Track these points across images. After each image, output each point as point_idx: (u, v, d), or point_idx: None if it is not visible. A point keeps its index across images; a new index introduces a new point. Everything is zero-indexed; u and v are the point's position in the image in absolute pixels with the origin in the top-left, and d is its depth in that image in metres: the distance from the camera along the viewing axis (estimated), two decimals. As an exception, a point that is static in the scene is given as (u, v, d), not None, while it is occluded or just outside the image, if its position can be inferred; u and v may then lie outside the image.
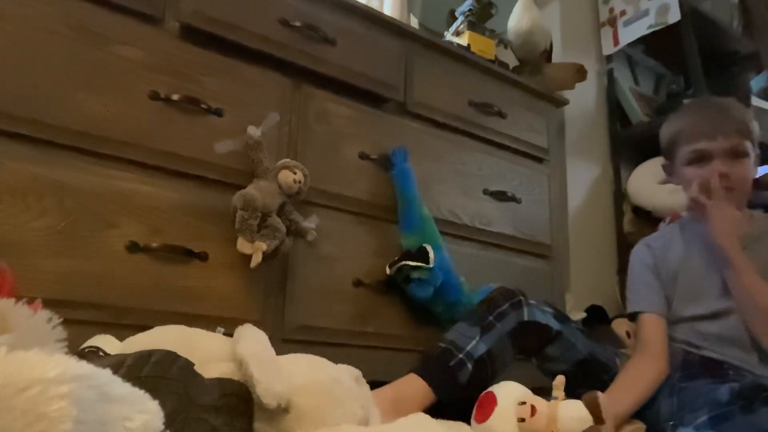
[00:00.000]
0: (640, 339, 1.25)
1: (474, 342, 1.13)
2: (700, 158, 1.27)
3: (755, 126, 1.28)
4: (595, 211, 2.24)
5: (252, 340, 0.90)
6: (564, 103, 1.90)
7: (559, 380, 1.00)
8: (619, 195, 2.29)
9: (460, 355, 1.12)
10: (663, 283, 1.30)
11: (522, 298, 1.20)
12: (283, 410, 0.84)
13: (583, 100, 2.27)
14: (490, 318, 1.17)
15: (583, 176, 2.24)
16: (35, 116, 1.00)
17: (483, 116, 1.64)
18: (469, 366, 1.11)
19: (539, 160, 1.79)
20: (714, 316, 1.22)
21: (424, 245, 1.31)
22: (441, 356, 1.13)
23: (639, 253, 1.38)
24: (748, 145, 1.26)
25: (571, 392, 1.00)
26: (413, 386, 1.09)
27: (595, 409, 0.92)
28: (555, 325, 1.21)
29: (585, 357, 1.23)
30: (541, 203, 1.74)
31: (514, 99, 1.74)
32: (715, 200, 1.23)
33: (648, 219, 2.19)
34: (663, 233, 1.41)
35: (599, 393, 0.93)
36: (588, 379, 1.21)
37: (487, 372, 1.13)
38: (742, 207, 1.27)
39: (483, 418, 0.98)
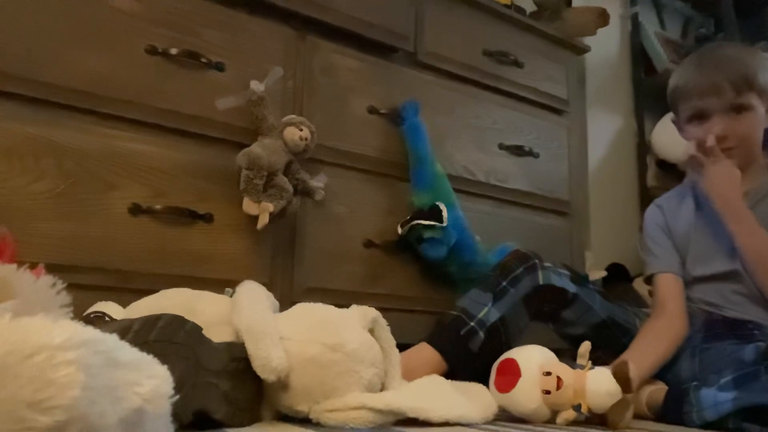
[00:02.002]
0: (656, 300, 1.26)
1: (486, 309, 1.14)
2: (699, 116, 1.25)
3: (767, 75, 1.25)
4: (618, 165, 2.23)
5: (249, 306, 0.91)
6: (585, 50, 1.87)
7: (585, 347, 1.00)
8: (643, 147, 2.27)
9: (472, 323, 1.13)
10: (676, 244, 1.31)
11: (537, 261, 1.20)
12: (282, 387, 0.85)
13: (606, 46, 2.22)
14: (504, 283, 1.17)
15: (605, 128, 2.21)
16: (28, 74, 1.00)
17: (498, 66, 1.61)
18: (481, 334, 1.13)
19: (558, 111, 1.76)
20: (730, 275, 1.22)
21: (436, 203, 1.31)
22: (452, 324, 1.14)
23: (650, 215, 1.38)
24: (752, 97, 1.23)
25: (589, 355, 1.01)
26: (424, 355, 1.10)
27: (624, 380, 0.93)
28: (572, 288, 1.22)
29: (603, 320, 1.24)
30: (559, 158, 1.73)
31: (532, 47, 1.71)
32: (712, 159, 1.21)
33: (673, 173, 2.17)
34: (675, 193, 1.40)
35: (629, 363, 0.94)
36: (607, 342, 1.22)
37: (501, 339, 1.14)
38: (750, 163, 1.26)
39: (505, 388, 0.99)
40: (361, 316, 0.95)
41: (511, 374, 0.99)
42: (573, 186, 1.75)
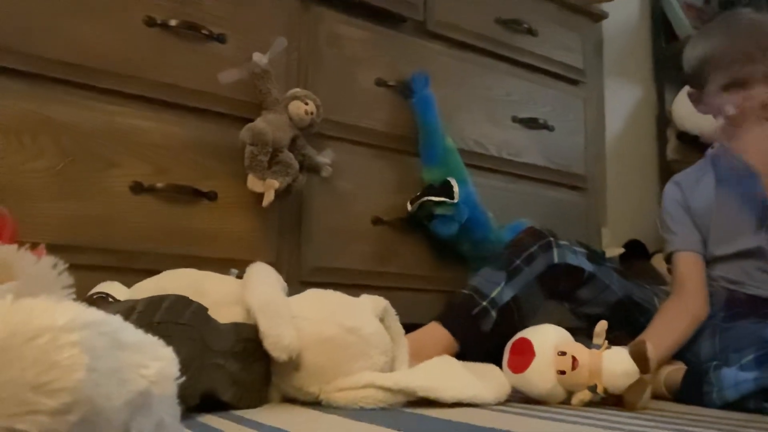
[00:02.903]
0: (676, 279, 1.26)
1: (499, 288, 1.15)
2: (737, 84, 1.23)
3: None
4: (636, 138, 2.21)
5: (260, 285, 0.92)
6: (602, 17, 1.84)
7: (601, 326, 1.00)
8: (663, 119, 2.25)
9: (484, 303, 1.13)
10: (696, 222, 1.30)
11: (551, 239, 1.21)
12: (294, 367, 0.86)
13: (624, 12, 2.19)
14: (517, 262, 1.17)
15: (623, 99, 2.19)
16: (23, 48, 0.99)
17: (511, 34, 1.60)
18: (493, 314, 1.13)
19: (574, 82, 1.75)
20: (754, 252, 1.22)
21: (447, 179, 1.31)
22: (463, 304, 1.14)
23: (669, 192, 1.37)
24: None
25: (606, 335, 1.01)
26: (435, 335, 1.11)
27: (642, 360, 0.93)
28: (588, 266, 1.22)
29: (620, 299, 1.24)
30: (575, 130, 1.72)
31: (546, 14, 1.69)
32: (754, 120, 1.20)
33: (695, 145, 2.15)
34: (694, 169, 1.40)
35: (647, 343, 0.94)
36: (624, 321, 1.22)
37: (514, 319, 1.15)
38: None
39: (519, 368, 0.99)
40: (373, 304, 0.96)
41: (525, 354, 0.99)
42: (589, 160, 1.74)
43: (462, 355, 1.09)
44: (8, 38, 0.98)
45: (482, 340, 1.12)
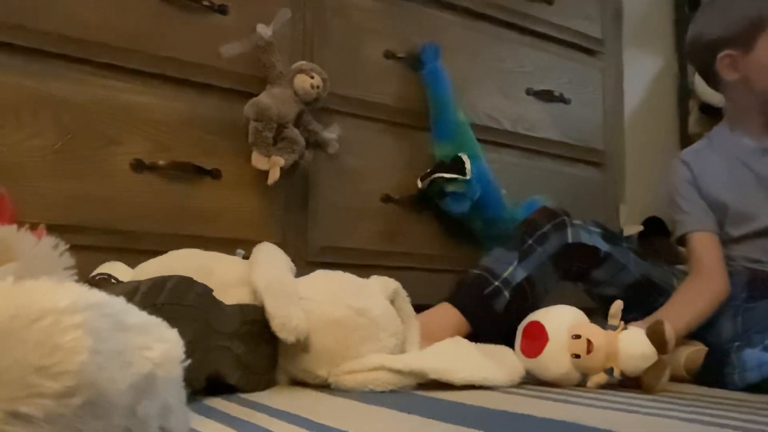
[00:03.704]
0: (693, 260, 1.25)
1: (511, 268, 1.15)
2: None
3: None
4: (657, 111, 2.19)
5: (267, 265, 0.92)
6: (622, -17, 1.82)
7: (616, 307, 1.00)
8: (685, 91, 2.22)
9: (496, 282, 1.14)
10: (708, 201, 1.29)
11: (565, 218, 1.20)
12: (302, 349, 0.87)
13: (645, -22, 2.16)
14: (530, 241, 1.18)
15: (643, 70, 2.16)
16: (20, 21, 0.99)
17: (526, 3, 1.58)
18: (506, 294, 1.13)
19: (591, 52, 1.73)
20: None
21: (459, 155, 1.30)
22: (475, 283, 1.15)
23: (677, 171, 1.35)
24: None
25: (623, 316, 1.01)
26: (446, 316, 1.12)
27: (660, 341, 0.93)
28: (603, 246, 1.21)
29: (637, 279, 1.24)
30: (593, 103, 1.70)
31: (563, -19, 1.67)
32: None
33: (718, 118, 2.13)
34: (702, 146, 1.39)
35: (665, 322, 0.94)
36: (641, 302, 1.22)
37: (527, 300, 1.15)
38: None
39: (533, 353, 1.00)
40: (382, 286, 0.96)
41: (538, 338, 1.00)
42: (607, 134, 1.73)
43: (474, 336, 1.10)
44: (4, 12, 0.98)
45: (494, 320, 1.12)
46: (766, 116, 1.28)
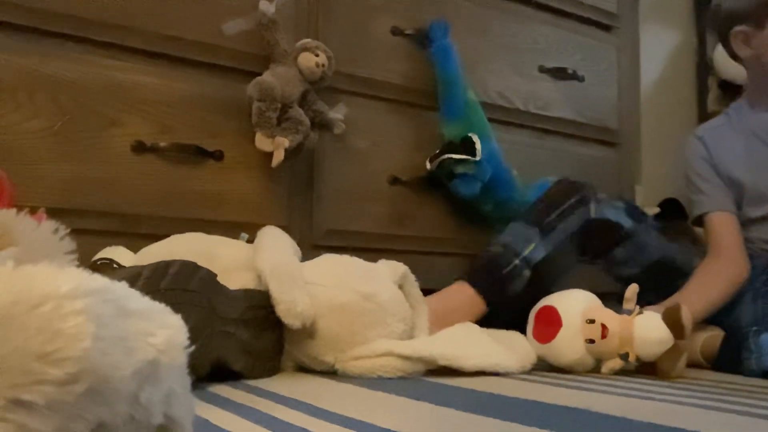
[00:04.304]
0: (711, 241, 1.24)
1: (532, 246, 1.14)
2: None
3: None
4: (674, 88, 2.17)
5: (272, 249, 0.92)
6: (638, -45, 1.80)
7: (632, 290, 1.00)
8: (704, 67, 2.20)
9: (516, 261, 1.13)
10: (725, 180, 1.29)
11: (589, 192, 1.19)
12: (308, 335, 0.87)
13: (663, -50, 2.13)
14: (552, 216, 1.17)
15: (661, 46, 2.14)
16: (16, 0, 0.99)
17: (539, -23, 1.57)
18: (526, 273, 1.13)
19: (606, 28, 1.71)
20: None
21: (469, 135, 1.30)
22: (493, 261, 1.14)
23: (693, 149, 1.34)
24: None
25: (641, 298, 1.01)
26: (462, 297, 1.11)
27: (677, 326, 0.93)
28: (627, 223, 1.21)
29: (658, 260, 1.23)
30: (608, 81, 1.69)
31: (577, -47, 1.65)
32: None
33: (738, 95, 2.11)
34: (718, 122, 1.38)
35: (682, 306, 0.94)
36: (661, 284, 1.21)
37: (545, 279, 1.15)
38: None
39: (546, 338, 1.00)
40: (391, 270, 0.96)
41: (551, 324, 1.00)
42: (623, 112, 1.72)
43: (489, 317, 1.10)
44: (-2, -11, 0.98)
45: (512, 300, 1.12)
46: None
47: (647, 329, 0.95)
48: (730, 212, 1.26)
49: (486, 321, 1.11)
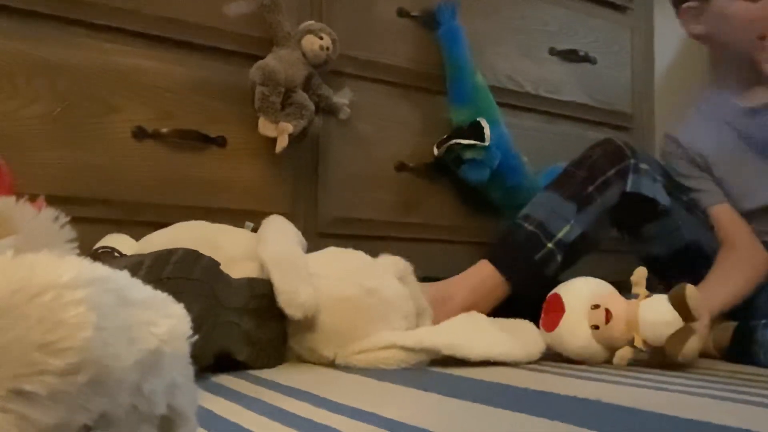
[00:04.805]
0: (723, 233, 1.22)
1: (568, 227, 1.12)
2: None
3: None
4: (690, 72, 2.15)
5: (275, 239, 0.93)
6: (653, -67, 1.78)
7: (639, 274, 0.99)
8: (720, 49, 2.18)
9: (550, 245, 1.11)
10: (708, 174, 1.27)
11: (631, 161, 1.15)
12: (308, 327, 0.87)
13: (678, -72, 2.11)
14: (590, 189, 1.13)
15: (676, 27, 2.12)
16: (13, -18, 0.99)
17: (549, -44, 1.55)
18: (559, 258, 1.11)
19: (620, 9, 1.70)
20: None
21: (477, 119, 1.30)
22: (525, 245, 1.12)
23: (669, 152, 1.32)
24: None
25: (667, 284, 0.99)
26: (488, 282, 1.10)
27: (683, 307, 0.92)
28: (663, 199, 1.18)
29: (688, 244, 1.21)
30: (621, 64, 1.68)
31: (590, -69, 1.63)
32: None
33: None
34: (686, 115, 1.36)
35: (688, 285, 0.92)
36: (687, 270, 1.17)
37: (576, 257, 1.13)
38: None
39: (551, 326, 1.00)
40: (393, 266, 0.96)
41: (555, 311, 1.00)
42: (636, 96, 1.71)
43: (510, 300, 1.09)
44: (-5, -29, 0.98)
45: (543, 286, 1.08)
46: (745, 72, 1.24)
47: (652, 312, 0.94)
48: (728, 202, 1.25)
49: (507, 303, 1.11)
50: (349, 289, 0.90)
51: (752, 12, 1.19)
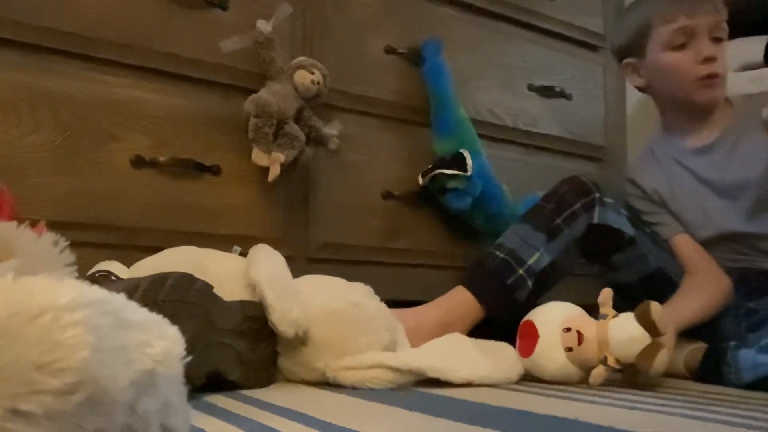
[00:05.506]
0: (684, 261, 1.24)
1: (538, 254, 1.13)
2: (686, 34, 1.22)
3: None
4: (658, 106, 2.18)
5: (266, 261, 0.93)
6: (624, -22, 1.81)
7: (605, 295, 1.00)
8: (687, 86, 2.21)
9: (521, 271, 1.12)
10: (666, 209, 1.31)
11: (597, 195, 1.17)
12: (300, 342, 0.87)
13: (647, -27, 2.15)
14: (558, 221, 1.15)
15: (645, 65, 2.16)
16: (18, 17, 0.99)
17: (527, -2, 1.58)
18: (530, 283, 1.12)
19: (594, 48, 1.73)
20: (736, 236, 1.23)
21: (460, 150, 1.30)
22: (498, 271, 1.13)
23: (629, 193, 1.36)
24: (726, 28, 1.24)
25: (634, 308, 1.00)
26: (463, 306, 1.11)
27: (648, 323, 0.92)
28: (629, 230, 1.20)
29: (654, 271, 1.23)
30: (594, 99, 1.70)
31: (565, -24, 1.66)
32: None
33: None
34: (641, 157, 1.41)
35: (651, 302, 0.93)
36: (653, 295, 1.20)
37: (547, 285, 1.14)
38: (722, 98, 1.28)
39: (527, 352, 1.00)
40: (362, 287, 0.98)
41: (529, 337, 1.00)
42: (609, 130, 1.73)
43: (487, 322, 1.09)
44: (4, 8, 0.98)
45: (514, 310, 1.09)
46: (685, 114, 1.30)
47: (621, 330, 0.94)
48: (686, 232, 1.27)
49: (483, 325, 1.11)
50: (337, 302, 0.91)
51: (681, 60, 1.24)
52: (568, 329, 0.97)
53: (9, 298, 0.36)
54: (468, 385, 0.90)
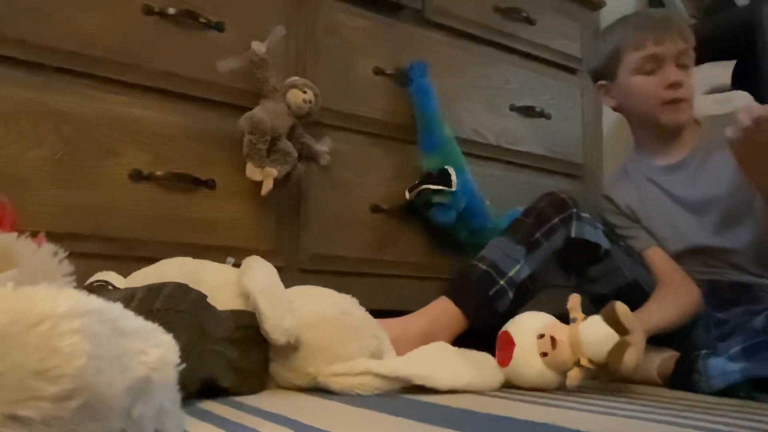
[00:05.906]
0: (656, 274, 1.25)
1: (518, 266, 1.14)
2: (654, 61, 1.25)
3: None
4: (633, 126, 2.20)
5: (259, 272, 0.92)
6: (600, 5, 1.83)
7: (574, 300, 1.00)
8: (660, 107, 2.23)
9: (502, 282, 1.12)
10: (642, 224, 1.33)
11: (574, 210, 1.18)
12: (292, 348, 0.87)
13: (622, 1, 2.18)
14: (537, 235, 1.16)
15: (621, 88, 2.18)
16: (21, 36, 0.99)
17: (510, 23, 1.59)
18: (510, 294, 1.12)
19: (572, 71, 1.74)
20: (705, 250, 1.25)
21: (445, 167, 1.31)
22: (480, 282, 1.13)
23: (604, 209, 1.38)
24: (693, 55, 1.27)
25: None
26: (446, 316, 1.11)
27: (615, 322, 0.93)
28: (605, 243, 1.21)
29: (629, 282, 1.24)
30: (573, 119, 1.72)
31: (545, 2, 1.68)
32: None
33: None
34: (616, 175, 1.43)
35: (617, 302, 0.95)
36: (627, 305, 1.21)
37: (527, 296, 1.15)
38: (690, 121, 1.30)
39: (505, 361, 1.00)
40: (347, 297, 0.98)
41: (506, 347, 1.00)
42: (587, 148, 1.74)
43: (469, 332, 1.09)
44: (6, 26, 0.98)
45: (496, 320, 1.09)
46: (654, 134, 1.32)
47: (590, 331, 0.95)
48: (658, 245, 1.29)
49: (466, 336, 1.11)
50: (328, 310, 0.91)
51: (649, 84, 1.26)
52: (542, 335, 0.98)
53: (9, 307, 0.36)
54: (452, 392, 0.90)
